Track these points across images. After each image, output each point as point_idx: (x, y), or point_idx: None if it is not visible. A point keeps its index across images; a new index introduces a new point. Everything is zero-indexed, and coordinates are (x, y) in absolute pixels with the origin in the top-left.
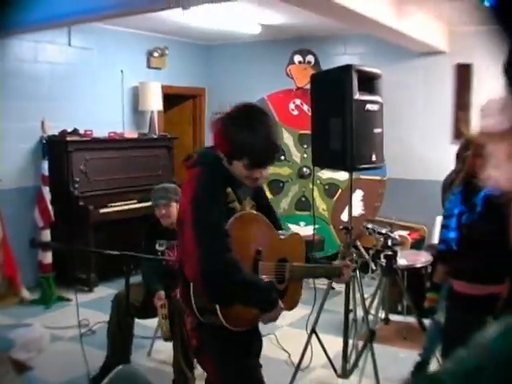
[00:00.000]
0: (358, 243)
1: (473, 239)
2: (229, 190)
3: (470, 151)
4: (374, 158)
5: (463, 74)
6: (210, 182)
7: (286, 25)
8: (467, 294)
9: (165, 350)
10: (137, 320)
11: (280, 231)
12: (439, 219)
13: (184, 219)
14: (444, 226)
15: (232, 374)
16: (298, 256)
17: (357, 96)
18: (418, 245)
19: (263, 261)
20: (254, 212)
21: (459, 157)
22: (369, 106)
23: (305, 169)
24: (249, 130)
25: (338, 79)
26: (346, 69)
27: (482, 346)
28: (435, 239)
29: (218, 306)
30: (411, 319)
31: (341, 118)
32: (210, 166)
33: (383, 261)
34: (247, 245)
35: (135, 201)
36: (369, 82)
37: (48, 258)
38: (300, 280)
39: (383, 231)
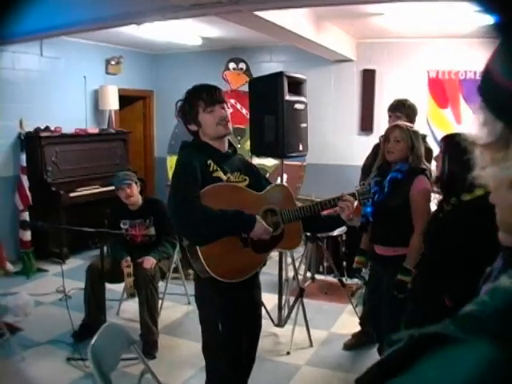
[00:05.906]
0: None
1: (383, 213)
2: (209, 161)
3: (382, 140)
4: (301, 147)
5: (367, 78)
6: (185, 158)
7: (222, 37)
8: (383, 255)
9: (130, 309)
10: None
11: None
12: None
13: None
14: (364, 204)
15: (217, 327)
16: (287, 201)
17: (287, 97)
18: None
19: None
20: (230, 183)
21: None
22: (296, 106)
23: None
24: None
25: (272, 83)
26: (278, 75)
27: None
28: None
29: (206, 264)
30: (330, 278)
31: (274, 115)
32: (185, 147)
33: None
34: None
35: (98, 186)
36: (296, 86)
37: (27, 235)
38: (297, 222)
39: None
